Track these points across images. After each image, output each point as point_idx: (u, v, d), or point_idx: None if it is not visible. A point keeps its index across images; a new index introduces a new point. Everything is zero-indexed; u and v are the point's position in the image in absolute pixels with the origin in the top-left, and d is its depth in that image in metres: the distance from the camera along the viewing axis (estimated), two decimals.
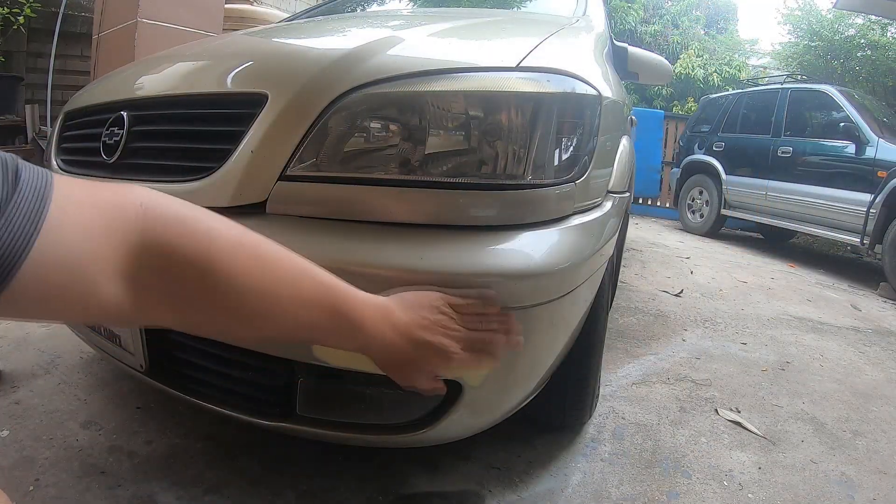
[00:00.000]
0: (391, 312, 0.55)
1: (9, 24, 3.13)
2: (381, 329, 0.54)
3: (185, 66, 0.92)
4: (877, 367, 1.78)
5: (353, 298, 0.52)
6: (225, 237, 0.44)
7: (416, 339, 0.56)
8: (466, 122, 0.67)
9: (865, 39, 6.46)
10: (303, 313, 0.48)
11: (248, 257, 0.44)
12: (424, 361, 0.58)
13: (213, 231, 0.43)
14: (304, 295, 0.48)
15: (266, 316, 0.46)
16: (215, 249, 0.42)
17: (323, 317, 0.50)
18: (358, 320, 0.52)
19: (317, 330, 0.51)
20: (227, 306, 0.44)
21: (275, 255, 0.47)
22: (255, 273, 0.44)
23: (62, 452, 0.92)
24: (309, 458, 0.96)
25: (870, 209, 3.29)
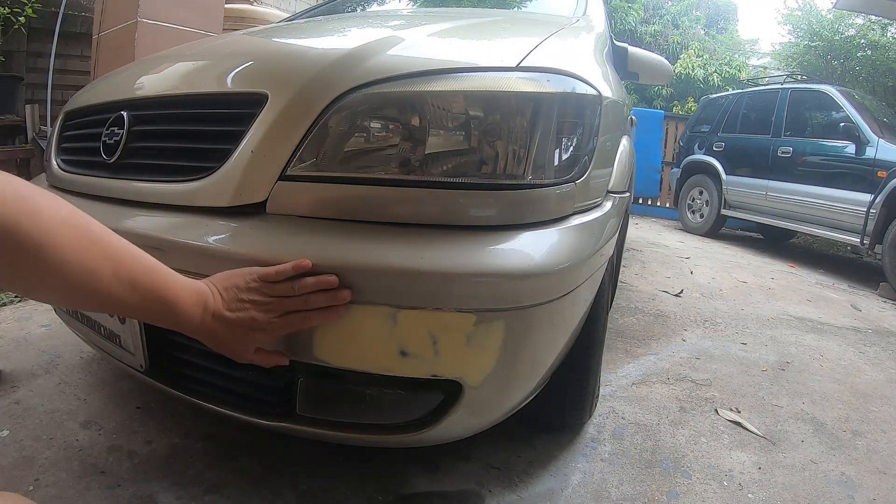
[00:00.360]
0: (204, 295, 0.59)
1: (9, 24, 3.13)
2: (196, 312, 0.58)
3: (185, 66, 0.92)
4: (877, 367, 1.78)
5: (170, 282, 0.56)
6: (56, 214, 0.46)
7: (227, 318, 0.60)
8: (466, 121, 0.67)
9: (865, 39, 6.46)
10: (120, 292, 0.52)
11: (74, 234, 0.47)
12: (243, 337, 0.62)
13: (44, 207, 0.45)
14: (123, 275, 0.52)
15: (86, 291, 0.50)
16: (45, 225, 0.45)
17: (139, 297, 0.53)
18: (172, 303, 0.56)
19: (131, 308, 0.54)
20: (49, 279, 0.47)
21: (101, 235, 0.51)
22: (80, 249, 0.48)
23: (62, 452, 0.92)
24: (309, 458, 0.96)
25: (870, 209, 3.29)
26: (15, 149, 3.17)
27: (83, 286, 0.49)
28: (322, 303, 0.62)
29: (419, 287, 0.62)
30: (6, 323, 1.46)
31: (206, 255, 0.66)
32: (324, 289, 0.61)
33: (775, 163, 4.13)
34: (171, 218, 0.73)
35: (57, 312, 1.01)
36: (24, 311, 1.55)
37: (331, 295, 0.62)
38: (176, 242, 0.68)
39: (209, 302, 0.59)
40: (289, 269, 0.61)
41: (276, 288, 0.61)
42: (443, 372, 0.66)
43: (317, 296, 0.61)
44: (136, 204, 0.78)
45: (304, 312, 0.62)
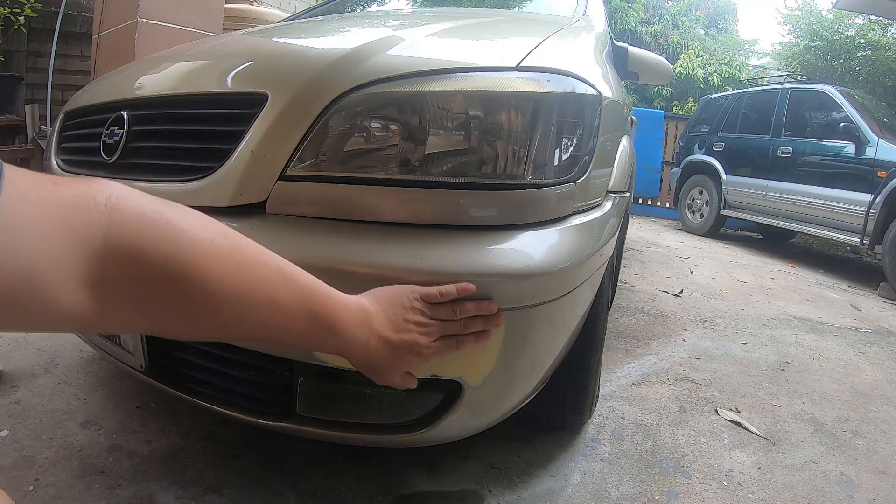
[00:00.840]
0: (369, 316, 0.55)
1: (9, 24, 3.13)
2: (360, 333, 0.54)
3: (185, 66, 0.92)
4: (877, 368, 1.78)
5: (332, 303, 0.51)
6: (200, 238, 0.41)
7: (393, 341, 0.56)
8: (466, 121, 0.67)
9: (865, 40, 6.46)
10: (281, 319, 0.47)
11: (224, 260, 0.42)
12: (400, 360, 0.58)
13: (186, 232, 0.40)
14: (283, 300, 0.46)
15: (242, 320, 0.44)
16: (189, 252, 0.39)
17: (301, 322, 0.49)
18: (337, 326, 0.51)
19: (295, 335, 0.50)
20: (200, 311, 0.42)
21: (253, 257, 0.45)
22: (232, 277, 0.42)
23: (62, 452, 0.92)
24: (309, 458, 0.96)
25: (870, 209, 3.29)
26: (15, 149, 3.17)
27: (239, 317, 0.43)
28: (479, 328, 0.62)
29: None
30: None
31: None
32: (483, 314, 0.61)
33: (775, 163, 4.13)
34: None
35: None
36: None
37: (487, 319, 0.62)
38: None
39: (374, 322, 0.55)
40: (453, 291, 0.59)
41: (439, 311, 0.59)
42: (443, 372, 0.66)
43: (475, 320, 0.61)
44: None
45: (458, 337, 0.61)
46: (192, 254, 0.39)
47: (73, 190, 0.35)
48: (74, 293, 0.35)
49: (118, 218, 0.36)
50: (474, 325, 0.61)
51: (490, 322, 0.63)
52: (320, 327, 0.50)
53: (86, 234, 0.34)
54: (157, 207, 0.39)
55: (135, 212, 0.37)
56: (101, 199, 0.36)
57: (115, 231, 0.36)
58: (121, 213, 0.36)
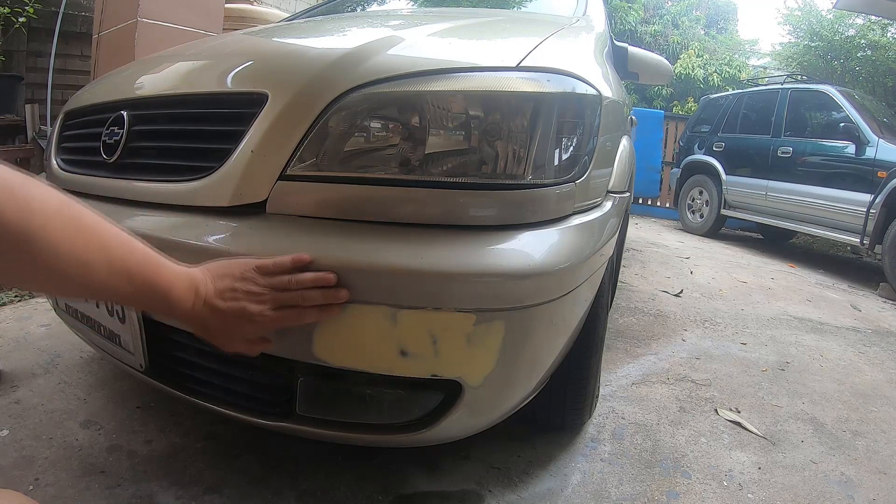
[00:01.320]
0: (196, 284, 0.58)
1: (10, 23, 3.13)
2: (188, 300, 0.57)
3: (185, 66, 0.92)
4: (876, 368, 1.78)
5: (163, 270, 0.55)
6: (47, 204, 0.45)
7: (219, 307, 0.59)
8: (466, 121, 0.67)
9: (865, 40, 6.46)
10: (112, 280, 0.51)
11: (65, 225, 0.46)
12: (232, 327, 0.61)
13: (34, 198, 0.44)
14: (116, 264, 0.51)
15: (77, 279, 0.49)
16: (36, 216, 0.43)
17: (131, 285, 0.52)
18: (164, 291, 0.55)
19: (125, 297, 0.54)
20: (39, 268, 0.46)
21: (93, 225, 0.50)
22: (71, 240, 0.47)
23: (62, 452, 0.92)
24: (309, 458, 0.96)
25: (870, 209, 3.29)
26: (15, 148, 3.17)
27: (75, 276, 0.48)
28: (319, 300, 0.61)
29: (419, 287, 0.62)
30: (6, 322, 1.46)
31: (206, 255, 0.66)
32: (321, 286, 0.61)
33: (775, 163, 4.13)
34: (170, 218, 0.73)
35: (57, 312, 1.01)
36: (24, 310, 1.55)
37: (328, 293, 0.61)
38: (176, 242, 0.68)
39: (201, 289, 0.59)
40: (287, 261, 0.61)
41: (272, 280, 0.60)
42: (443, 372, 0.66)
43: (314, 292, 0.61)
44: (136, 204, 0.78)
45: (299, 308, 0.62)
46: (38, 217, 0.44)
47: None
48: None
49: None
50: (314, 296, 0.61)
51: (330, 296, 0.62)
52: (149, 292, 0.54)
53: None
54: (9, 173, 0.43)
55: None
56: None
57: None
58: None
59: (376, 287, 0.62)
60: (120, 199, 0.81)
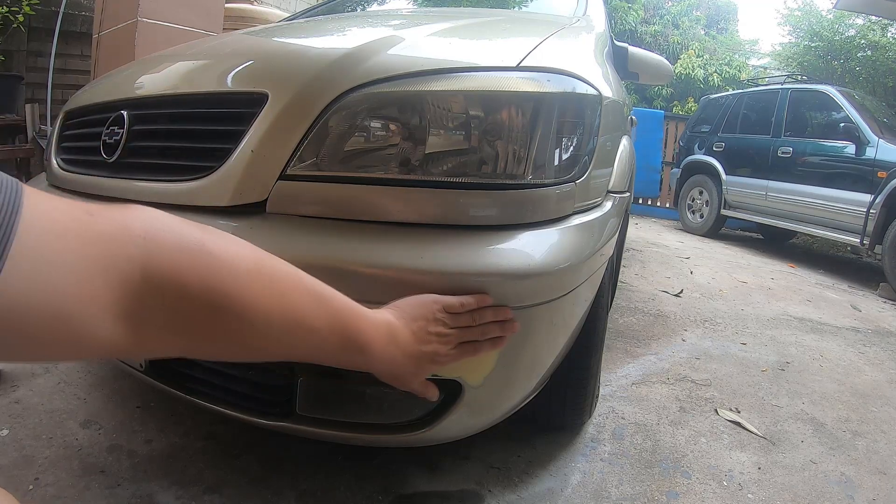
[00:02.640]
0: (395, 332, 0.56)
1: (8, 23, 3.13)
2: (387, 349, 0.56)
3: (185, 66, 0.92)
4: (876, 368, 1.78)
5: (360, 321, 0.53)
6: (238, 267, 0.41)
7: (418, 353, 0.58)
8: (467, 121, 0.67)
9: (865, 40, 6.46)
10: (314, 341, 0.48)
11: (259, 285, 0.42)
12: (421, 369, 0.60)
13: (224, 262, 0.40)
14: (316, 324, 0.47)
15: (276, 342, 0.45)
16: (228, 283, 0.39)
17: (332, 341, 0.50)
18: (366, 343, 0.53)
19: (326, 355, 0.51)
20: (237, 337, 0.42)
21: (286, 280, 0.46)
22: (267, 301, 0.42)
23: (62, 451, 0.92)
24: (309, 458, 0.96)
25: (870, 209, 3.29)
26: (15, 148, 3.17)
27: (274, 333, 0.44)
28: (495, 333, 0.63)
29: (419, 287, 0.62)
30: None
31: None
32: (499, 320, 0.63)
33: (775, 163, 4.13)
34: None
35: None
36: None
37: (506, 325, 0.63)
38: None
39: (400, 339, 0.57)
40: (473, 303, 0.61)
41: (459, 320, 0.61)
42: (442, 372, 0.66)
43: (492, 326, 0.63)
44: (136, 203, 0.78)
45: (476, 343, 0.63)
46: (230, 284, 0.39)
47: (108, 222, 0.35)
48: (111, 327, 0.34)
49: (156, 250, 0.36)
50: (491, 330, 0.63)
51: (506, 328, 0.64)
52: (351, 348, 0.51)
53: (124, 268, 0.34)
54: (195, 236, 0.39)
55: (172, 243, 0.37)
56: (137, 231, 0.35)
57: (152, 264, 0.35)
58: (158, 244, 0.36)
59: (377, 287, 0.62)
60: (120, 199, 0.81)
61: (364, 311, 0.54)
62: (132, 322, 0.35)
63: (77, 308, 0.32)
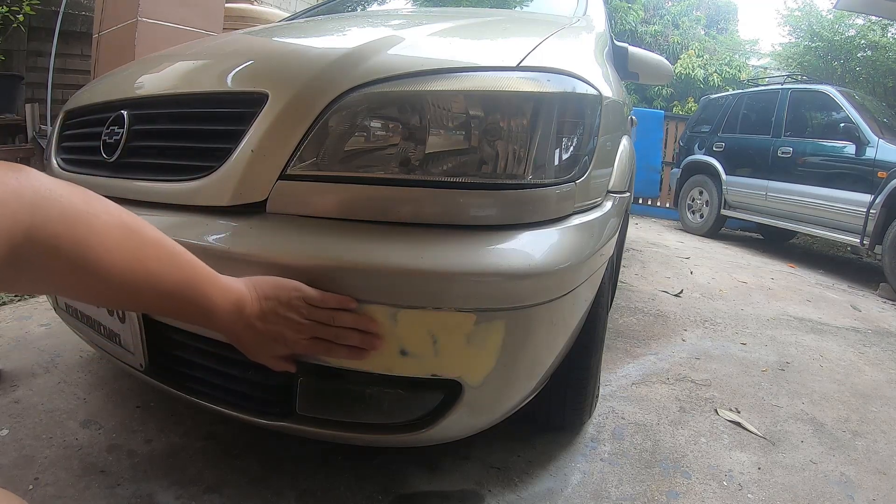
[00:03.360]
0: (243, 302, 0.60)
1: (8, 22, 3.13)
2: (230, 318, 0.59)
3: (185, 66, 0.92)
4: (876, 368, 1.78)
5: (210, 286, 0.58)
6: (107, 237, 0.48)
7: (258, 328, 0.62)
8: (467, 121, 0.67)
9: (866, 40, 6.46)
10: (159, 296, 0.54)
11: (124, 255, 0.49)
12: (265, 346, 0.63)
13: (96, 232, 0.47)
14: (162, 283, 0.53)
15: (126, 293, 0.52)
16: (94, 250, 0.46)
17: (177, 301, 0.55)
18: (210, 307, 0.58)
19: (171, 310, 0.57)
20: (92, 291, 0.50)
21: (146, 239, 0.53)
22: (124, 256, 0.49)
23: (62, 451, 0.92)
24: (308, 458, 0.96)
25: (870, 210, 3.29)
26: (15, 148, 3.17)
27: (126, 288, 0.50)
28: (352, 342, 0.64)
29: (419, 287, 0.62)
30: (6, 322, 1.46)
31: (206, 255, 0.66)
32: (359, 329, 0.63)
33: (775, 163, 4.13)
34: (171, 217, 0.73)
35: (57, 311, 1.01)
36: (24, 310, 1.55)
37: (364, 337, 0.63)
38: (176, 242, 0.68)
39: (245, 310, 0.60)
40: (332, 301, 0.62)
41: (315, 313, 0.62)
42: (443, 372, 0.66)
43: (350, 332, 0.63)
44: (136, 203, 0.78)
45: (330, 343, 0.64)
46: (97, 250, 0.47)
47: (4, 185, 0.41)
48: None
49: (41, 217, 0.43)
50: (349, 337, 0.63)
51: (366, 341, 0.64)
52: (195, 309, 0.57)
53: (10, 228, 0.41)
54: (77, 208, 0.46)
55: (56, 212, 0.44)
56: (27, 197, 0.42)
57: (36, 228, 0.42)
58: (44, 211, 0.43)
59: (376, 287, 0.62)
60: (120, 199, 0.80)
61: (217, 278, 0.58)
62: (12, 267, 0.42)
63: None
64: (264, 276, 0.62)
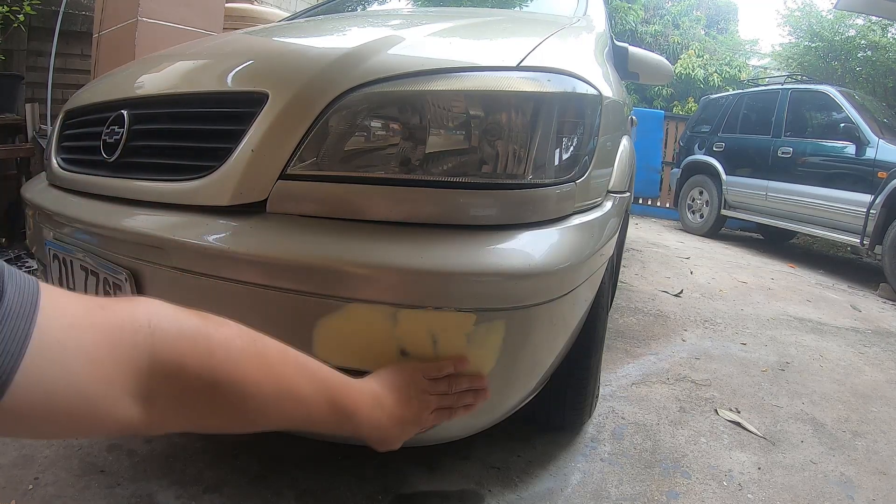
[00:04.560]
0: (380, 396, 0.61)
1: (9, 22, 3.13)
2: (373, 414, 0.60)
3: (185, 65, 0.92)
4: (876, 368, 1.78)
5: (347, 388, 0.57)
6: (229, 344, 0.46)
7: (402, 417, 0.62)
8: (467, 121, 0.67)
9: (866, 40, 6.45)
10: (305, 410, 0.52)
11: (251, 361, 0.47)
12: (405, 432, 0.65)
13: (217, 341, 0.45)
14: (303, 391, 0.52)
15: (271, 415, 0.50)
16: (220, 359, 0.44)
17: (321, 408, 0.54)
18: (353, 409, 0.57)
19: (317, 423, 0.55)
20: (235, 411, 0.47)
21: (275, 355, 0.50)
22: (261, 380, 0.47)
23: (61, 451, 0.92)
24: (308, 458, 0.96)
25: (870, 210, 3.28)
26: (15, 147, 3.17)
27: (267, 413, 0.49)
28: (469, 401, 0.68)
29: (419, 286, 0.62)
30: None
31: (207, 255, 0.66)
32: (473, 388, 0.67)
33: (775, 163, 4.13)
34: (171, 217, 0.73)
35: None
36: None
37: (476, 393, 0.68)
38: (176, 241, 0.68)
39: (384, 404, 0.61)
40: (450, 366, 0.65)
41: (438, 386, 0.65)
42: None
43: (466, 394, 0.67)
44: (136, 203, 0.78)
45: (452, 409, 0.67)
46: (225, 362, 0.44)
47: (119, 314, 0.40)
48: (125, 406, 0.39)
49: (161, 337, 0.41)
50: (465, 397, 0.68)
51: (479, 396, 0.68)
52: (340, 415, 0.56)
53: (133, 354, 0.39)
54: (193, 322, 0.44)
55: (175, 330, 0.42)
56: (143, 321, 0.40)
57: (158, 350, 0.40)
58: (163, 332, 0.41)
59: (377, 286, 0.62)
60: (120, 199, 0.81)
61: (349, 380, 0.58)
62: (143, 401, 0.40)
63: (95, 389, 0.37)
64: (383, 368, 0.64)
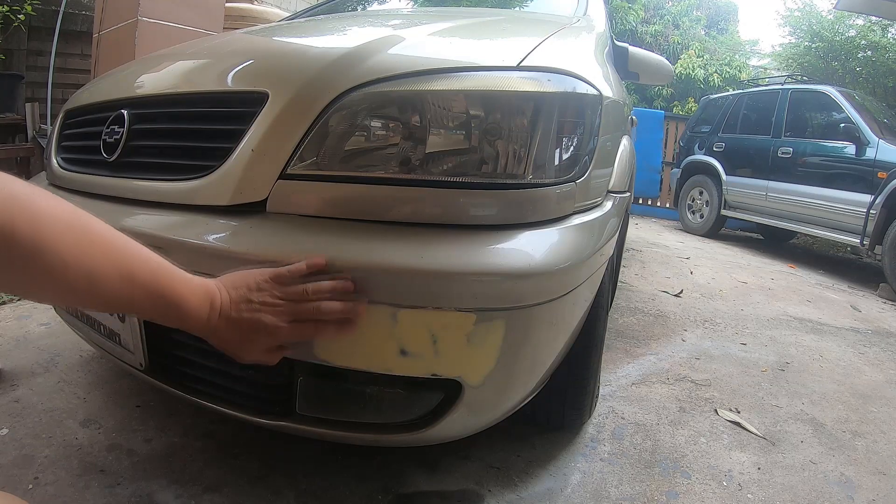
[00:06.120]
0: (212, 295, 0.58)
1: (9, 22, 3.13)
2: (203, 311, 0.57)
3: (185, 65, 0.92)
4: (876, 368, 1.78)
5: (176, 281, 0.55)
6: (53, 215, 0.45)
7: (234, 319, 0.59)
8: (467, 121, 0.67)
9: (866, 40, 6.45)
10: (124, 292, 0.50)
11: (75, 237, 0.46)
12: (248, 340, 0.60)
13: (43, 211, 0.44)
14: (126, 275, 0.50)
15: (88, 292, 0.48)
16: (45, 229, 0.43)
17: (144, 297, 0.52)
18: (179, 303, 0.54)
19: (139, 308, 0.53)
20: (49, 281, 0.46)
21: (103, 236, 0.50)
22: (82, 252, 0.46)
23: (61, 451, 0.92)
24: (308, 457, 0.96)
25: (870, 210, 3.29)
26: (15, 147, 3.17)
27: (86, 287, 0.48)
28: (337, 312, 0.60)
29: (419, 286, 0.62)
30: (6, 321, 1.46)
31: (207, 254, 0.66)
32: (339, 296, 0.60)
33: (775, 163, 4.13)
34: (171, 217, 0.73)
35: (57, 311, 1.01)
36: (24, 309, 1.55)
37: (348, 306, 0.60)
38: (176, 241, 0.68)
39: (216, 301, 0.58)
40: (303, 267, 0.59)
41: (288, 290, 0.59)
42: (443, 371, 0.66)
43: (331, 304, 0.59)
44: (136, 202, 0.78)
45: (317, 322, 0.61)
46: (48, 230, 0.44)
47: None
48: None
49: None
50: (331, 309, 0.60)
51: (349, 310, 0.60)
52: (163, 303, 0.53)
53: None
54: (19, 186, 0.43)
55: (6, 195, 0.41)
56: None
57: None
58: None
59: (376, 286, 0.62)
60: (120, 199, 0.81)
61: (180, 272, 0.56)
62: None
63: None
64: (234, 272, 0.61)
